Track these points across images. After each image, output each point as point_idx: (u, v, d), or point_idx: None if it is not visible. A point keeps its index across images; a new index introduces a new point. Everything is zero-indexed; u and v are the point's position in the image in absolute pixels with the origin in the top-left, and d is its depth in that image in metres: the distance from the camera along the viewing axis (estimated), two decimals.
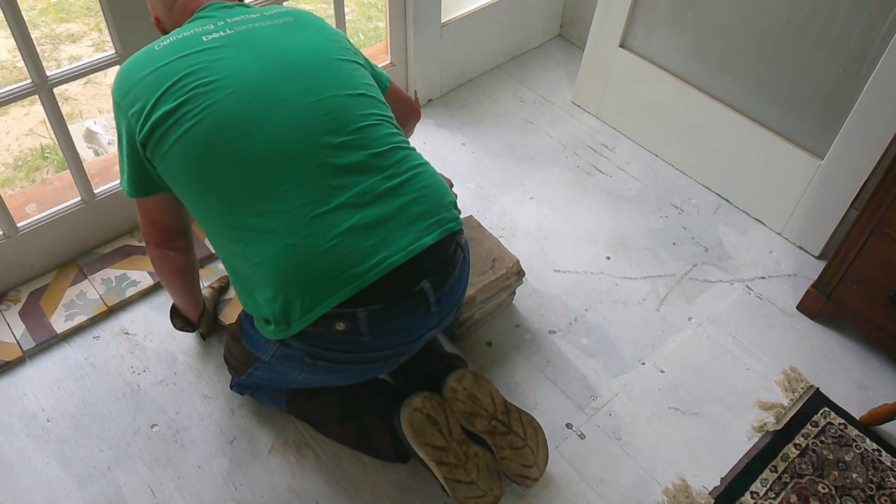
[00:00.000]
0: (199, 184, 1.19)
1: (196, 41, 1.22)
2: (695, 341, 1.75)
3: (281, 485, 1.46)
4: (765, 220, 2.03)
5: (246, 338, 1.37)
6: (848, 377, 1.69)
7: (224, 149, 1.16)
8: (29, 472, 1.46)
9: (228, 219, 1.18)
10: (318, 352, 1.23)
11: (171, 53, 1.21)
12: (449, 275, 1.27)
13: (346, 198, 1.17)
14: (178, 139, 1.17)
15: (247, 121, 1.17)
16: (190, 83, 1.18)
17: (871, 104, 1.66)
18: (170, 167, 1.20)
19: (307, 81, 1.22)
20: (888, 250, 1.56)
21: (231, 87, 1.18)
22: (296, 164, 1.17)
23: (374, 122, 1.24)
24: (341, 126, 1.20)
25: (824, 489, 1.49)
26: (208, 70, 1.19)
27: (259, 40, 1.25)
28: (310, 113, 1.20)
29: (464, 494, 1.36)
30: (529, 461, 1.44)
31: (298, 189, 1.16)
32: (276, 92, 1.20)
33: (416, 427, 1.33)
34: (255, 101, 1.18)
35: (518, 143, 2.24)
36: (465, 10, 2.29)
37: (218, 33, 1.24)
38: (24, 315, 1.69)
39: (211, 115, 1.16)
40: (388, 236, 1.17)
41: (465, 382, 1.41)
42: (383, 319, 1.20)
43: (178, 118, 1.17)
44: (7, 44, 3.05)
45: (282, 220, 1.15)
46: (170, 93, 1.17)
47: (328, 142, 1.19)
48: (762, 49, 1.84)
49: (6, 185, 2.53)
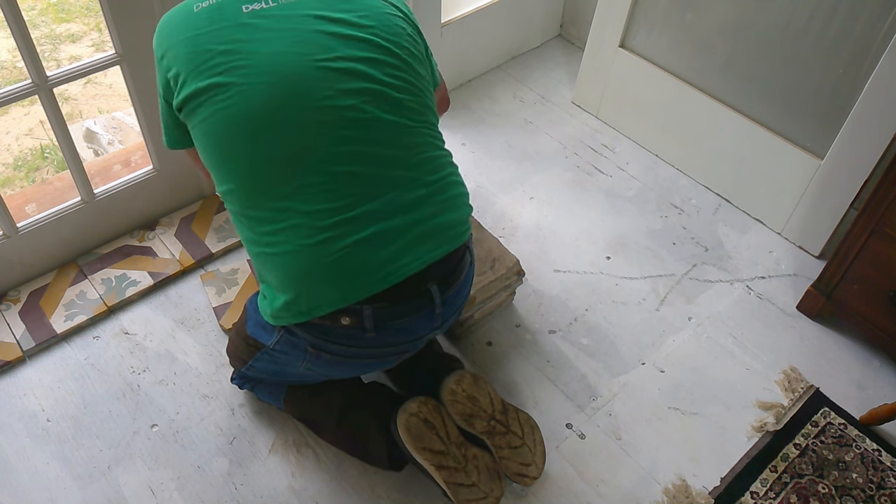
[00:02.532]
0: (221, 166, 1.18)
1: (235, 11, 1.16)
2: (695, 341, 1.75)
3: (281, 485, 1.46)
4: (765, 220, 2.03)
5: (251, 324, 1.36)
6: (848, 377, 1.69)
7: (250, 140, 1.14)
8: (29, 472, 1.46)
9: (248, 206, 1.17)
10: (321, 343, 1.23)
11: (208, 22, 1.15)
12: (456, 278, 1.27)
13: (368, 208, 1.15)
14: (205, 119, 1.15)
15: (276, 118, 1.13)
16: (221, 63, 1.13)
17: (871, 104, 1.66)
18: (198, 140, 1.19)
19: (344, 81, 1.16)
20: (888, 250, 1.56)
21: (263, 75, 1.13)
22: (323, 168, 1.14)
23: (409, 129, 1.21)
24: (374, 134, 1.17)
25: (824, 489, 1.49)
26: (242, 52, 1.13)
27: (301, 20, 1.16)
28: (343, 118, 1.15)
29: (465, 497, 1.36)
30: (528, 460, 1.44)
31: (323, 193, 1.14)
32: (312, 91, 1.14)
33: (414, 432, 1.33)
34: (288, 97, 1.13)
35: (518, 143, 2.24)
36: (465, 10, 2.29)
37: (260, 3, 1.17)
38: (24, 315, 1.69)
39: (239, 103, 1.12)
40: (402, 248, 1.17)
41: (464, 384, 1.40)
42: (388, 318, 1.20)
43: (206, 98, 1.14)
44: (7, 44, 3.05)
45: (301, 220, 1.14)
46: (202, 69, 1.14)
47: (359, 150, 1.16)
48: (762, 49, 1.84)
49: (6, 185, 2.53)
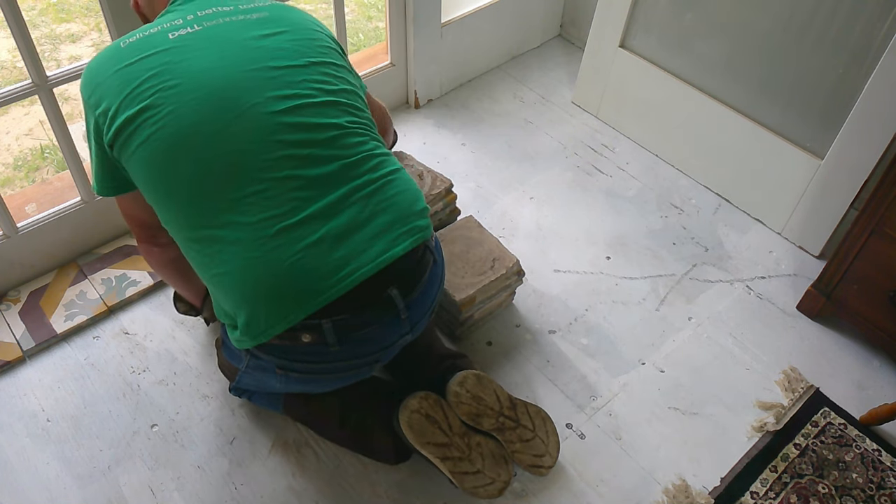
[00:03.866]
0: (161, 191, 1.16)
1: (162, 39, 1.17)
2: (695, 341, 1.75)
3: (281, 485, 1.46)
4: (765, 220, 2.03)
5: (225, 347, 1.37)
6: (848, 377, 1.69)
7: (186, 158, 1.13)
8: (29, 472, 1.46)
9: (191, 228, 1.15)
10: (286, 363, 1.21)
11: (136, 52, 1.16)
12: (417, 281, 1.24)
13: (313, 210, 1.13)
14: (140, 145, 1.13)
15: (209, 130, 1.13)
16: (153, 87, 1.13)
17: (871, 104, 1.66)
18: (134, 171, 1.17)
19: (274, 88, 1.17)
20: (888, 250, 1.56)
21: (194, 91, 1.13)
22: (260, 177, 1.13)
23: (346, 130, 1.20)
24: (311, 136, 1.16)
25: (824, 489, 1.49)
26: (171, 72, 1.14)
27: (227, 38, 1.19)
28: (277, 122, 1.15)
29: (472, 484, 1.36)
30: (541, 451, 1.44)
31: (264, 201, 1.12)
32: (241, 99, 1.14)
33: (416, 428, 1.33)
34: (219, 109, 1.13)
35: (518, 143, 2.24)
36: (465, 10, 2.29)
37: (185, 29, 1.18)
38: (24, 315, 1.69)
39: (171, 123, 1.12)
40: (355, 248, 1.14)
41: (467, 385, 1.40)
42: (351, 329, 1.17)
43: (139, 124, 1.13)
44: (7, 44, 3.05)
45: (246, 233, 1.12)
46: (132, 96, 1.14)
47: (296, 153, 1.15)
48: (762, 49, 1.84)
49: (6, 185, 2.52)
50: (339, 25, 1.98)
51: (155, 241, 1.36)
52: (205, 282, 1.20)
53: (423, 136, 2.24)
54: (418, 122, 2.29)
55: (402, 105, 2.35)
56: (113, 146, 1.17)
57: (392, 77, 2.25)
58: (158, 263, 1.42)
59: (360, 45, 3.16)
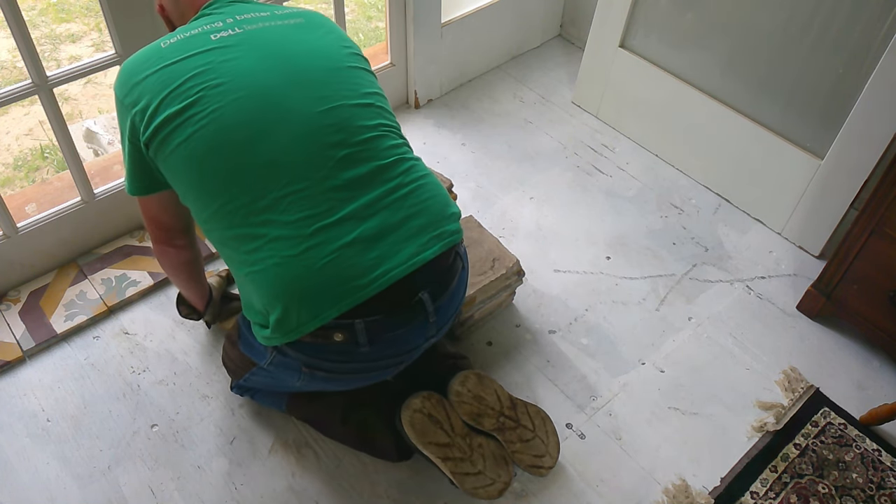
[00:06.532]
0: (201, 189, 1.18)
1: (204, 40, 1.20)
2: (695, 341, 1.75)
3: (281, 485, 1.46)
4: (765, 220, 2.03)
5: (244, 343, 1.37)
6: (848, 377, 1.69)
7: (228, 156, 1.15)
8: (29, 472, 1.46)
9: (229, 226, 1.17)
10: (315, 361, 1.22)
11: (178, 52, 1.18)
12: (447, 285, 1.26)
13: (349, 210, 1.15)
14: (182, 143, 1.15)
15: (253, 129, 1.15)
16: (197, 85, 1.15)
17: (871, 104, 1.66)
18: (172, 169, 1.19)
19: (316, 90, 1.20)
20: (888, 250, 1.56)
21: (238, 91, 1.16)
22: (300, 176, 1.15)
23: (381, 132, 1.23)
24: (347, 137, 1.19)
25: (824, 489, 1.49)
26: (216, 72, 1.16)
27: (269, 41, 1.22)
28: (316, 124, 1.18)
29: (472, 485, 1.37)
30: (541, 451, 1.45)
31: (302, 201, 1.14)
32: (285, 100, 1.17)
33: (418, 428, 1.34)
34: (263, 109, 1.16)
35: (518, 143, 2.24)
36: (465, 10, 2.29)
37: (227, 31, 1.21)
38: (24, 315, 1.69)
39: (217, 121, 1.14)
40: (389, 249, 1.16)
41: (468, 384, 1.41)
42: (381, 330, 1.19)
43: (183, 121, 1.15)
44: (7, 44, 3.05)
45: (284, 231, 1.13)
46: (175, 94, 1.15)
47: (333, 154, 1.17)
48: (762, 49, 1.84)
49: (6, 185, 2.53)
50: (338, 25, 1.98)
51: (171, 243, 1.38)
52: (237, 278, 1.21)
53: (423, 136, 2.24)
54: (418, 122, 2.29)
55: (402, 105, 2.35)
56: (150, 145, 1.18)
57: (392, 77, 2.25)
58: (171, 265, 1.43)
59: (360, 44, 3.16)
